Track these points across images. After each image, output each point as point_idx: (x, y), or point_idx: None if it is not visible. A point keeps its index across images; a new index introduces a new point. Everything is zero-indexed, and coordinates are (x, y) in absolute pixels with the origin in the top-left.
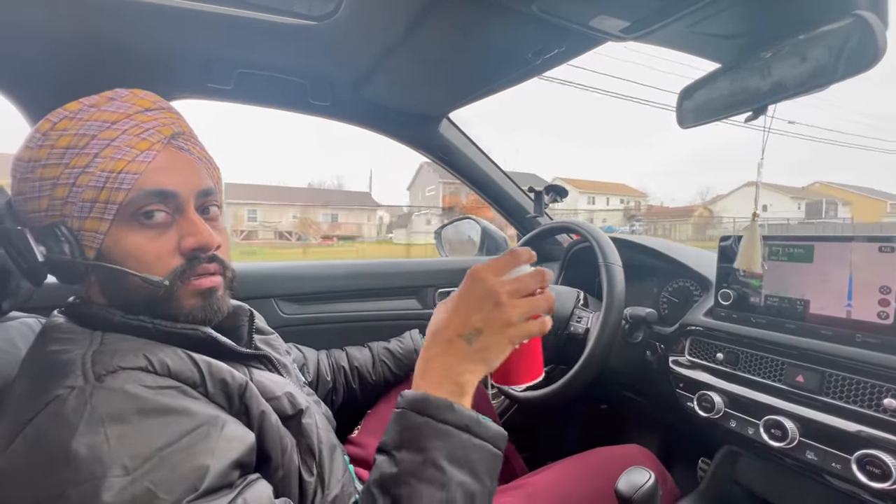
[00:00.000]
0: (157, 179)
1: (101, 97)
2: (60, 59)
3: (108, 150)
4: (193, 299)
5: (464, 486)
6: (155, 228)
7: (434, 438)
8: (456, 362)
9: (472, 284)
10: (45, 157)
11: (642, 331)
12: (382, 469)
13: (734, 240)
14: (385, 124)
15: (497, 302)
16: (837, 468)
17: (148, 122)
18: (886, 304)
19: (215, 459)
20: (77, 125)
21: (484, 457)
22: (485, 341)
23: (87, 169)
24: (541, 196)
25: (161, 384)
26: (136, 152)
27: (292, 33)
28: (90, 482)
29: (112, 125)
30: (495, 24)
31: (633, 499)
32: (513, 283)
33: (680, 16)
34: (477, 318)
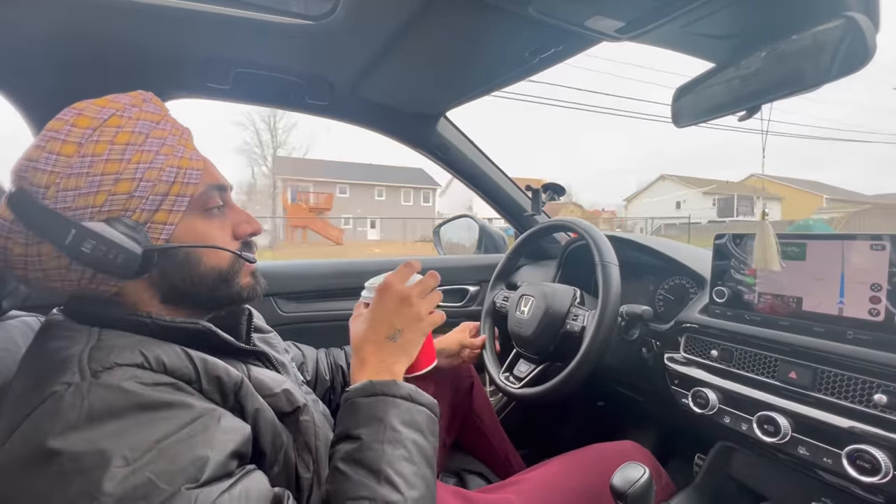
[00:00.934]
0: (213, 175)
1: (135, 98)
2: (58, 58)
3: (165, 149)
4: (247, 278)
5: (416, 443)
6: (217, 218)
7: (387, 407)
8: (387, 357)
9: (387, 294)
10: (105, 152)
11: (638, 328)
12: (346, 448)
13: (728, 238)
14: (383, 123)
15: (409, 303)
16: (829, 463)
17: (176, 124)
18: (877, 301)
19: (214, 451)
20: (130, 123)
21: (427, 419)
22: (406, 336)
23: (152, 164)
24: (538, 194)
25: (156, 380)
26: (190, 151)
27: (290, 33)
28: (92, 472)
29: (157, 125)
30: (492, 24)
31: (628, 494)
32: (418, 286)
33: (674, 16)
34: (396, 319)
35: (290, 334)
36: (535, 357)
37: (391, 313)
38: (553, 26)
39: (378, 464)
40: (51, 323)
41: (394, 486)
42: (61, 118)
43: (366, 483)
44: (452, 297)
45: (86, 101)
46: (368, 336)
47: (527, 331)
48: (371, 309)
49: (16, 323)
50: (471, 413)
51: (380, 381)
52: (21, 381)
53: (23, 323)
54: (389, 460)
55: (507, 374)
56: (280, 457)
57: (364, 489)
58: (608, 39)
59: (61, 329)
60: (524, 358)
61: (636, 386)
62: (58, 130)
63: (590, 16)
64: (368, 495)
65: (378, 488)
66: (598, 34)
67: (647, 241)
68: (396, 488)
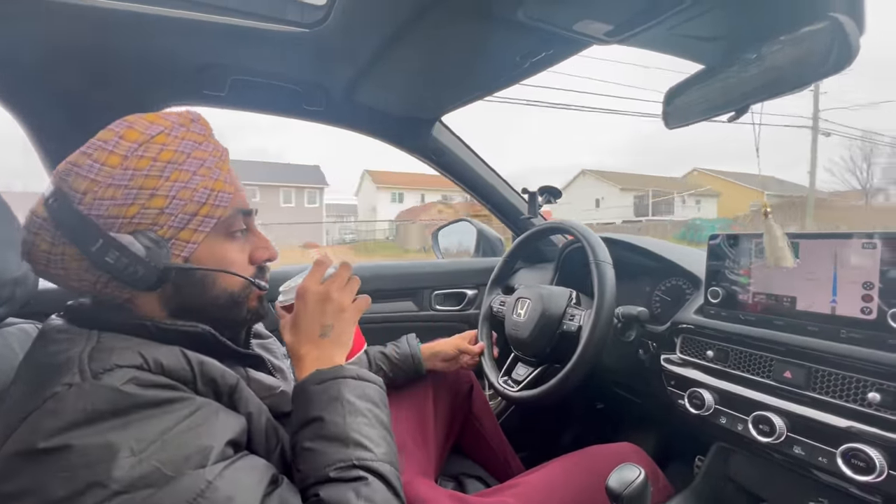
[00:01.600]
0: (241, 199)
1: (183, 117)
2: (56, 68)
3: (203, 170)
4: (254, 302)
5: (372, 412)
6: (238, 241)
7: (340, 387)
8: (325, 352)
9: (306, 297)
10: (146, 167)
11: (635, 329)
12: (310, 429)
13: (723, 238)
14: (379, 128)
15: (329, 298)
16: (824, 462)
17: (218, 145)
18: (869, 299)
19: (216, 440)
20: (175, 142)
21: (376, 392)
22: (337, 329)
23: (188, 184)
24: (535, 197)
25: (155, 382)
26: (224, 174)
27: (284, 40)
28: (99, 464)
29: (199, 146)
30: (483, 29)
31: (623, 495)
32: (333, 280)
33: (662, 19)
34: (322, 317)
35: None
36: (533, 359)
37: (316, 313)
38: (543, 30)
39: (344, 432)
40: (49, 327)
41: (362, 446)
42: (112, 129)
43: (336, 450)
44: (450, 301)
45: (137, 115)
46: (301, 339)
47: (524, 333)
48: (296, 314)
49: (13, 330)
50: (470, 416)
51: (327, 368)
52: (20, 385)
53: (20, 330)
54: (353, 427)
55: (506, 378)
56: (273, 458)
57: (336, 455)
58: (598, 43)
59: (60, 333)
60: (522, 361)
61: (634, 388)
62: (106, 141)
63: (578, 20)
64: (342, 458)
65: (349, 451)
66: (587, 38)
67: (642, 242)
68: (365, 447)
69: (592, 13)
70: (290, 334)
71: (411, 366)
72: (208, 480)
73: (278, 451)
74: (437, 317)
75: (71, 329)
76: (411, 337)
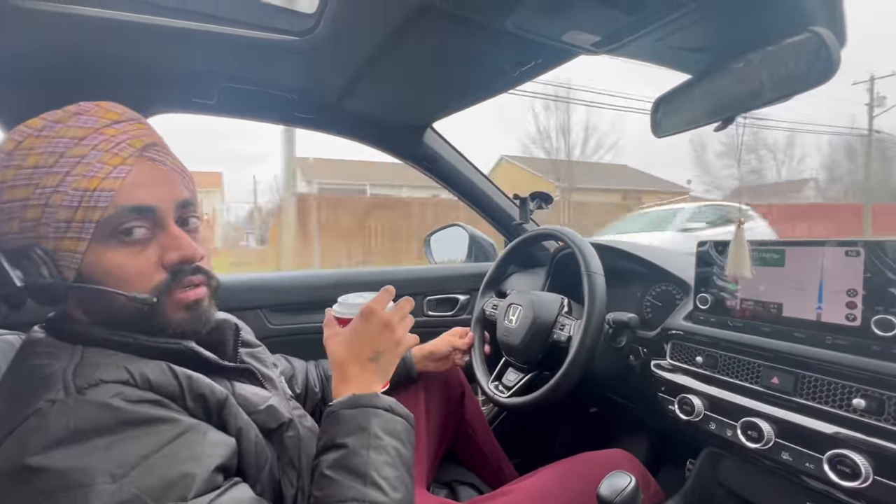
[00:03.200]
0: (133, 195)
1: (66, 112)
2: (43, 75)
3: (80, 168)
4: (180, 312)
5: (397, 450)
6: (135, 245)
7: (371, 417)
8: (369, 377)
9: (371, 319)
10: (11, 178)
11: (625, 335)
12: (333, 456)
13: (710, 245)
14: (370, 135)
15: (391, 328)
16: (811, 468)
17: (118, 135)
18: (853, 306)
19: (201, 466)
20: (44, 143)
21: (405, 429)
22: (386, 359)
23: (59, 188)
24: (526, 203)
25: (141, 397)
26: (109, 168)
27: (274, 49)
28: (79, 489)
29: (80, 141)
30: (472, 38)
31: (614, 503)
32: (397, 312)
33: (649, 30)
34: (378, 343)
35: (280, 346)
36: (524, 366)
37: (374, 338)
38: (531, 41)
39: (364, 468)
40: (32, 340)
41: (379, 488)
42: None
43: (353, 486)
44: (442, 306)
45: (25, 123)
46: (352, 357)
47: (515, 340)
48: (354, 331)
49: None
50: (463, 423)
51: (362, 394)
52: (2, 399)
53: (3, 342)
54: (375, 465)
55: (497, 383)
56: (263, 475)
57: (351, 491)
58: (585, 53)
59: (43, 346)
60: (513, 367)
61: (625, 394)
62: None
63: (566, 31)
64: (356, 496)
65: (365, 490)
66: (575, 48)
67: (633, 248)
68: (382, 490)
69: (580, 24)
70: (342, 348)
71: (403, 369)
72: None
73: (268, 467)
74: (429, 322)
75: (54, 343)
76: None
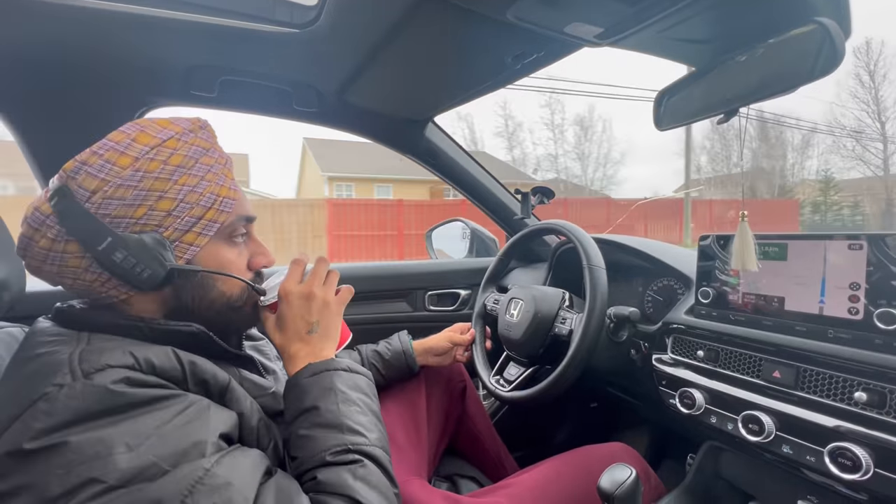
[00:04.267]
0: (245, 206)
1: (193, 123)
2: (43, 67)
3: (210, 175)
4: (250, 308)
5: (363, 401)
6: (238, 246)
7: (332, 378)
8: (315, 348)
9: (288, 299)
10: (157, 170)
11: (626, 330)
12: (306, 418)
13: (713, 239)
14: (371, 129)
15: (312, 295)
16: (812, 461)
17: (222, 153)
18: (856, 300)
19: (210, 434)
20: (185, 147)
21: (366, 383)
22: (323, 324)
23: (195, 188)
24: (527, 197)
25: (146, 381)
26: (229, 180)
27: (275, 41)
28: (97, 460)
29: (206, 152)
30: (473, 30)
31: (615, 495)
32: (312, 277)
33: (652, 21)
34: (308, 314)
35: None
36: (525, 360)
37: (301, 312)
38: (533, 32)
39: (338, 419)
40: (38, 329)
41: (356, 432)
42: (124, 131)
43: (333, 436)
44: (444, 301)
45: (148, 120)
46: (290, 337)
47: (516, 334)
48: (281, 315)
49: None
50: (464, 416)
51: (319, 361)
52: (8, 386)
53: (7, 334)
54: (347, 415)
55: (498, 377)
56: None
57: (331, 440)
58: (588, 45)
59: (49, 334)
60: (514, 361)
61: (626, 388)
62: (118, 142)
63: (569, 22)
64: (338, 443)
65: (344, 436)
66: (578, 40)
67: (634, 242)
68: (359, 433)
69: (583, 16)
70: (279, 334)
71: (404, 362)
72: (206, 468)
73: (271, 447)
74: (430, 317)
75: (60, 331)
76: (403, 334)
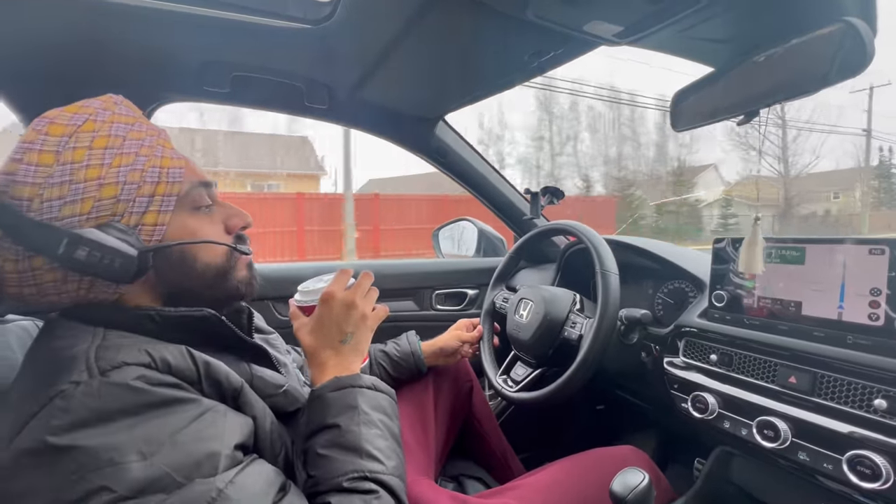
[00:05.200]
0: (197, 172)
1: (105, 101)
2: (56, 61)
3: (144, 150)
4: (244, 271)
5: (384, 423)
6: (207, 214)
7: (357, 396)
8: (344, 359)
9: (332, 303)
10: (84, 158)
11: (637, 332)
12: (326, 436)
13: (728, 242)
14: (382, 127)
15: (353, 305)
16: (829, 468)
17: (151, 126)
18: (877, 305)
19: (224, 444)
20: (105, 127)
21: (389, 403)
22: (357, 337)
23: (134, 166)
24: (537, 198)
25: (162, 380)
26: (169, 150)
27: (288, 37)
28: (110, 467)
29: (132, 127)
30: (490, 27)
31: (628, 500)
32: (356, 289)
33: (673, 21)
34: (346, 324)
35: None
36: (533, 361)
37: (340, 320)
38: (552, 30)
39: (358, 443)
40: (53, 323)
41: (375, 458)
42: (34, 128)
43: (350, 460)
44: (451, 300)
45: (56, 110)
46: (322, 343)
47: (525, 335)
48: (319, 318)
49: (12, 328)
50: (470, 417)
51: (345, 375)
52: (25, 382)
53: (19, 328)
54: (367, 438)
55: (505, 377)
56: (278, 462)
57: (350, 465)
58: (607, 44)
59: (64, 329)
60: (522, 361)
61: (636, 390)
62: (32, 141)
63: (588, 20)
64: (355, 469)
65: (362, 462)
66: (597, 38)
67: (647, 244)
68: (378, 460)
69: (602, 14)
70: (311, 337)
71: (412, 364)
72: (219, 489)
73: (283, 454)
74: (437, 316)
75: (75, 325)
76: (411, 334)
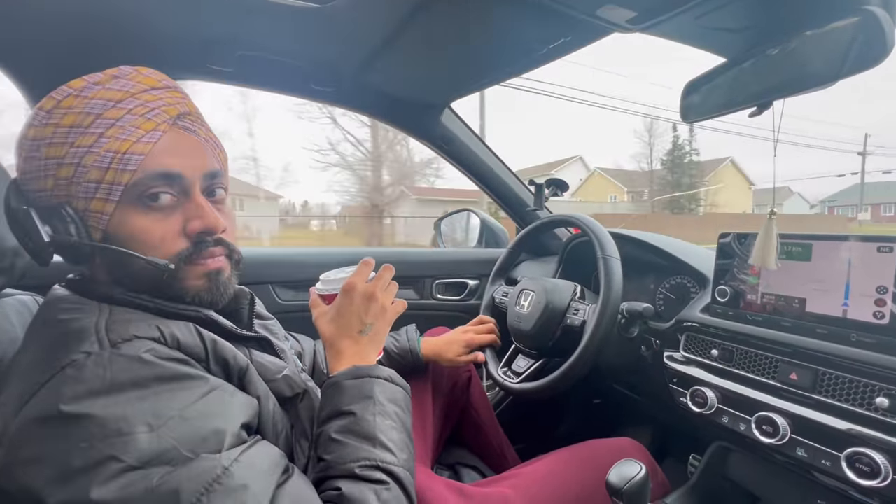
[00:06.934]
0: (162, 161)
1: (106, 75)
2: (61, 37)
3: (113, 130)
4: (199, 281)
5: (398, 416)
6: (160, 211)
7: (374, 386)
8: (362, 349)
9: (353, 294)
10: (49, 135)
11: (638, 326)
12: (341, 422)
13: (733, 237)
14: (387, 111)
15: (375, 299)
16: (827, 465)
17: (153, 101)
18: (882, 304)
19: (230, 423)
20: (82, 103)
21: (403, 397)
22: (376, 328)
23: (91, 148)
24: (541, 189)
25: (171, 355)
26: (142, 133)
27: (295, 16)
28: (118, 437)
29: (117, 104)
30: (501, 11)
31: (624, 491)
32: (378, 281)
33: (687, 7)
34: (365, 315)
35: (289, 322)
36: (534, 352)
37: (360, 310)
38: (563, 15)
39: (373, 432)
40: (57, 296)
41: (388, 449)
42: (40, 102)
43: (363, 447)
44: (452, 290)
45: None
46: (341, 333)
47: (526, 325)
48: (339, 307)
49: (10, 301)
50: (468, 406)
51: (364, 365)
52: (31, 352)
53: (18, 301)
54: (382, 429)
55: (506, 369)
56: (279, 444)
57: (362, 452)
58: (619, 30)
59: (69, 302)
60: (523, 353)
61: (633, 385)
62: (35, 114)
63: (602, 5)
64: (367, 456)
65: (375, 451)
66: (609, 24)
67: (650, 238)
68: (390, 451)
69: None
70: (331, 326)
71: (410, 361)
72: (224, 466)
73: (283, 435)
74: (438, 306)
75: (80, 299)
76: (411, 330)
